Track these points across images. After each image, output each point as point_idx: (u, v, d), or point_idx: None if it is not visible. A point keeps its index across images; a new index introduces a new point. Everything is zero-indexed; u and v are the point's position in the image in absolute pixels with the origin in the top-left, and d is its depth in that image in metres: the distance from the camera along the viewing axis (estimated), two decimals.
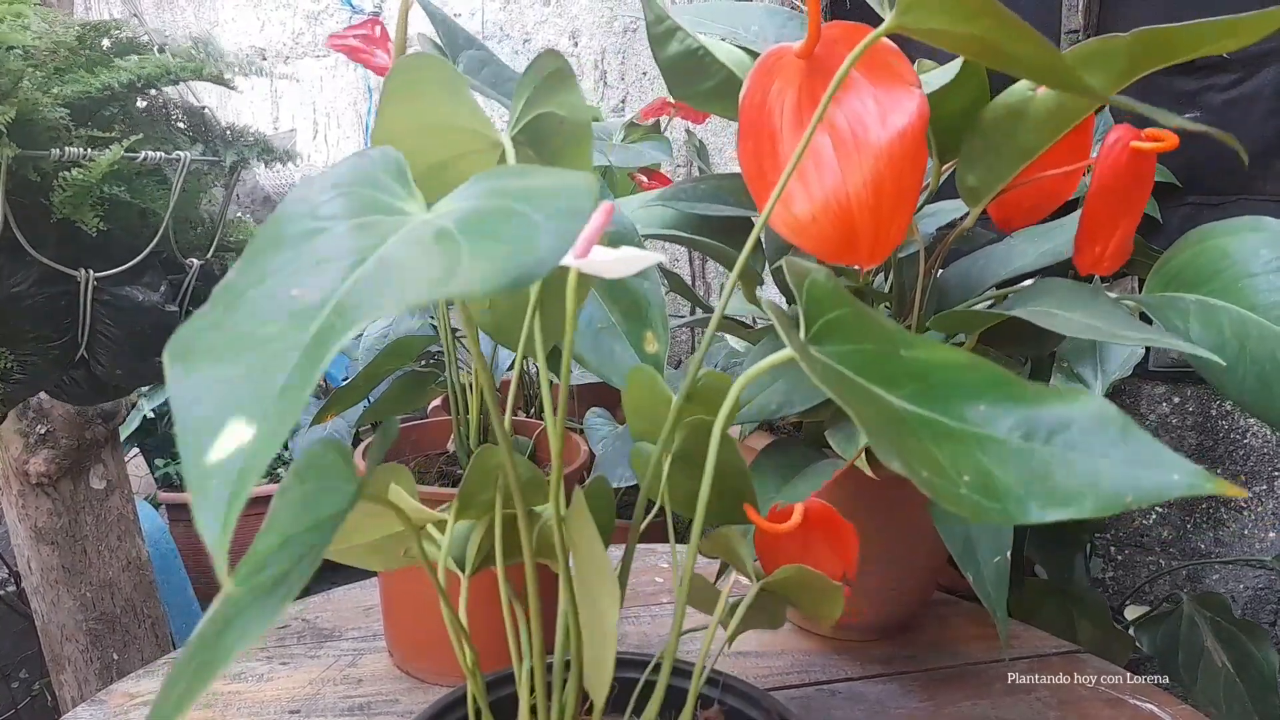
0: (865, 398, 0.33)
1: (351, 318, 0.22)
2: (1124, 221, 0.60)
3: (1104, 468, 0.29)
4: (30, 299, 0.79)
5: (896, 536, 0.73)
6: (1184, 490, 0.28)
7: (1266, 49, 1.43)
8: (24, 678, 1.47)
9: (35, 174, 0.75)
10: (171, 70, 0.86)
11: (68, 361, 0.85)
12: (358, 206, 0.28)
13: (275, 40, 2.97)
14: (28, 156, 0.74)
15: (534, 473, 0.45)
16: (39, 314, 0.80)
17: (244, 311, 0.23)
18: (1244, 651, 1.14)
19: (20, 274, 0.78)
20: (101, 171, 0.76)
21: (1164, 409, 1.58)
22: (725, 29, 0.66)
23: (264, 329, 0.22)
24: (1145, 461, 0.28)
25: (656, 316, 0.56)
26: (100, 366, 0.87)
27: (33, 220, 0.78)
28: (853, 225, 0.46)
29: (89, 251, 0.82)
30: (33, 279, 0.79)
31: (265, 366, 0.21)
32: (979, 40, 0.38)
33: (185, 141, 0.88)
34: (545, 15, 2.41)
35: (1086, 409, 0.30)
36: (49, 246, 0.79)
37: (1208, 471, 0.28)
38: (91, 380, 0.89)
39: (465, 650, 0.44)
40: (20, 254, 0.77)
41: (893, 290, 0.71)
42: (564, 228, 0.24)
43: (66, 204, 0.77)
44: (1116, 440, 0.29)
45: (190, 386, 0.21)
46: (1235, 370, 0.53)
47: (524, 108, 0.47)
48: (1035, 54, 0.38)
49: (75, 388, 0.91)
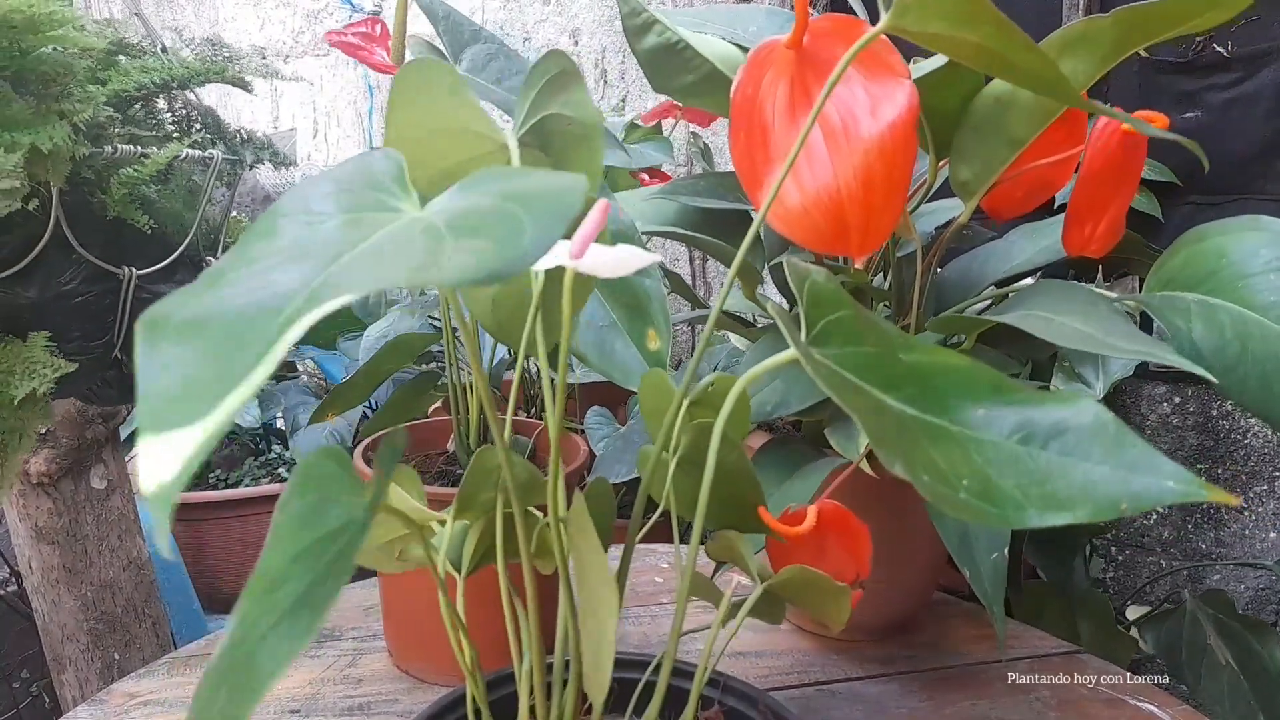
0: (866, 400, 0.33)
1: (324, 296, 0.22)
2: (1115, 203, 0.61)
3: (1100, 474, 0.29)
4: (79, 297, 0.80)
5: (897, 536, 0.73)
6: (1178, 497, 0.28)
7: (1267, 49, 1.42)
8: (25, 677, 1.47)
9: (88, 171, 0.76)
10: (199, 72, 0.87)
11: (106, 361, 0.86)
12: (352, 203, 0.28)
13: (275, 39, 2.97)
14: (86, 154, 0.75)
15: (532, 473, 0.45)
16: (86, 312, 0.82)
17: (222, 291, 0.23)
18: (1248, 649, 1.13)
19: (69, 272, 0.79)
20: (157, 169, 0.77)
21: (1165, 409, 1.58)
22: (725, 30, 0.66)
23: (236, 309, 0.22)
24: (1140, 468, 0.29)
25: (658, 314, 0.56)
26: (132, 365, 0.87)
27: (81, 219, 0.79)
28: (843, 217, 0.46)
29: (131, 251, 0.83)
30: (81, 277, 0.80)
31: (228, 346, 0.21)
32: (976, 47, 0.38)
33: (206, 142, 0.89)
34: (545, 14, 2.41)
35: (1083, 415, 0.31)
36: (96, 245, 0.80)
37: (1201, 479, 0.28)
38: (122, 380, 0.90)
39: (464, 650, 0.44)
40: (69, 252, 0.78)
41: (892, 289, 0.71)
42: (549, 225, 0.24)
43: (122, 202, 0.78)
44: (1112, 447, 0.30)
45: (154, 359, 0.21)
46: (1236, 371, 0.53)
47: (530, 109, 0.47)
48: (1032, 63, 0.38)
49: (107, 389, 0.91)
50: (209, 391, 0.20)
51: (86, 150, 0.73)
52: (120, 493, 1.31)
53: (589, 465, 0.85)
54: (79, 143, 0.72)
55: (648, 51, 0.62)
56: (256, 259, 0.25)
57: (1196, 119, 1.50)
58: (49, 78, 0.71)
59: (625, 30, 0.62)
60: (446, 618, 0.44)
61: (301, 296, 0.22)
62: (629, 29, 0.62)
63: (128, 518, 1.32)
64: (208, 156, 0.84)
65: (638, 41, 0.62)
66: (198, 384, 0.21)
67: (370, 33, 0.78)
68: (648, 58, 0.62)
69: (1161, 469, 0.29)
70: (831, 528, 0.49)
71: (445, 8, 0.73)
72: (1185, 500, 0.28)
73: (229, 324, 0.22)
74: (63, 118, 0.70)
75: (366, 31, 0.78)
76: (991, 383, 0.33)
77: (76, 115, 0.71)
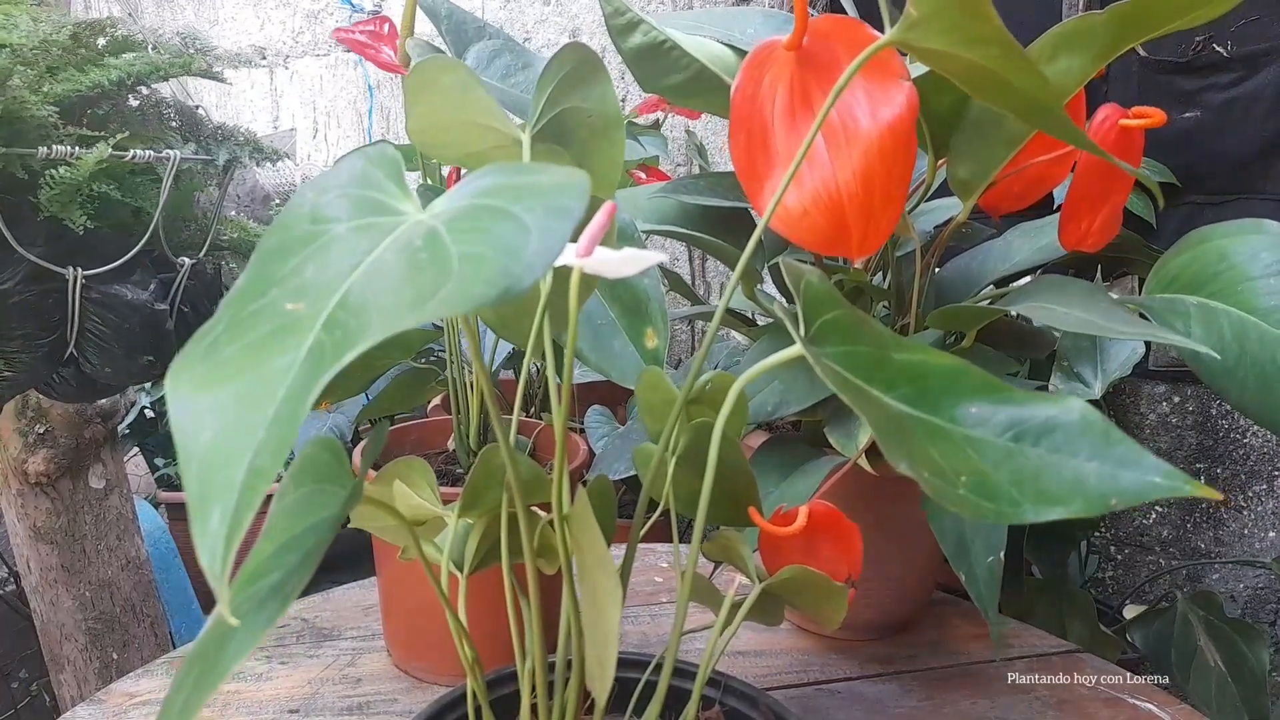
0: (866, 399, 0.34)
1: (344, 345, 0.22)
2: (1111, 198, 0.61)
3: (1089, 470, 0.30)
4: (18, 296, 0.79)
5: (896, 534, 0.73)
6: (1165, 492, 0.29)
7: (1266, 49, 1.42)
8: (23, 677, 1.47)
9: (23, 172, 0.76)
10: (161, 67, 0.86)
11: (57, 359, 0.86)
12: (355, 208, 0.28)
13: (275, 39, 2.97)
14: (14, 154, 0.75)
15: (537, 472, 0.45)
16: (27, 311, 0.81)
17: (242, 328, 0.23)
18: (1236, 651, 1.15)
19: (7, 271, 0.79)
20: (89, 170, 0.76)
21: (1164, 408, 1.58)
22: (722, 33, 0.66)
23: (259, 350, 0.22)
24: (1128, 464, 0.30)
25: (656, 312, 0.56)
26: (90, 364, 0.87)
27: (20, 218, 0.78)
28: (843, 217, 0.46)
29: (79, 250, 0.82)
30: (20, 276, 0.79)
31: (258, 394, 0.21)
32: (980, 68, 0.38)
33: (177, 140, 0.88)
34: (545, 14, 2.41)
35: (1070, 413, 0.32)
36: (37, 244, 0.79)
37: (1186, 474, 0.29)
38: (81, 378, 0.90)
39: (465, 647, 0.44)
40: (8, 251, 0.78)
41: (891, 288, 0.71)
42: (552, 231, 0.24)
43: (54, 202, 0.77)
44: (1099, 444, 0.30)
45: (190, 413, 0.21)
46: (1235, 373, 0.53)
47: (545, 104, 0.47)
48: (1034, 89, 0.38)
49: (65, 385, 0.91)
50: (240, 447, 0.21)
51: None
52: (118, 492, 1.31)
53: (588, 464, 0.85)
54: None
55: (633, 51, 0.62)
56: (271, 284, 0.25)
57: (1196, 119, 1.50)
58: None
59: (610, 30, 0.62)
60: (449, 617, 0.44)
61: (315, 330, 0.22)
62: (613, 28, 0.62)
63: (126, 517, 1.32)
64: (164, 156, 0.83)
65: (623, 40, 0.62)
66: (229, 441, 0.21)
67: (378, 31, 0.78)
68: (633, 57, 0.62)
69: (1147, 465, 0.29)
70: (822, 528, 0.49)
71: (448, 6, 0.73)
72: (1171, 494, 0.29)
73: (248, 372, 0.22)
74: None
75: (375, 30, 0.78)
76: (982, 382, 0.34)
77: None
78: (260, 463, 0.20)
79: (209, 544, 0.19)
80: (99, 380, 0.90)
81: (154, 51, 0.87)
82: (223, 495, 0.20)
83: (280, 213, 0.28)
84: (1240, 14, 1.43)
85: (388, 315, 0.22)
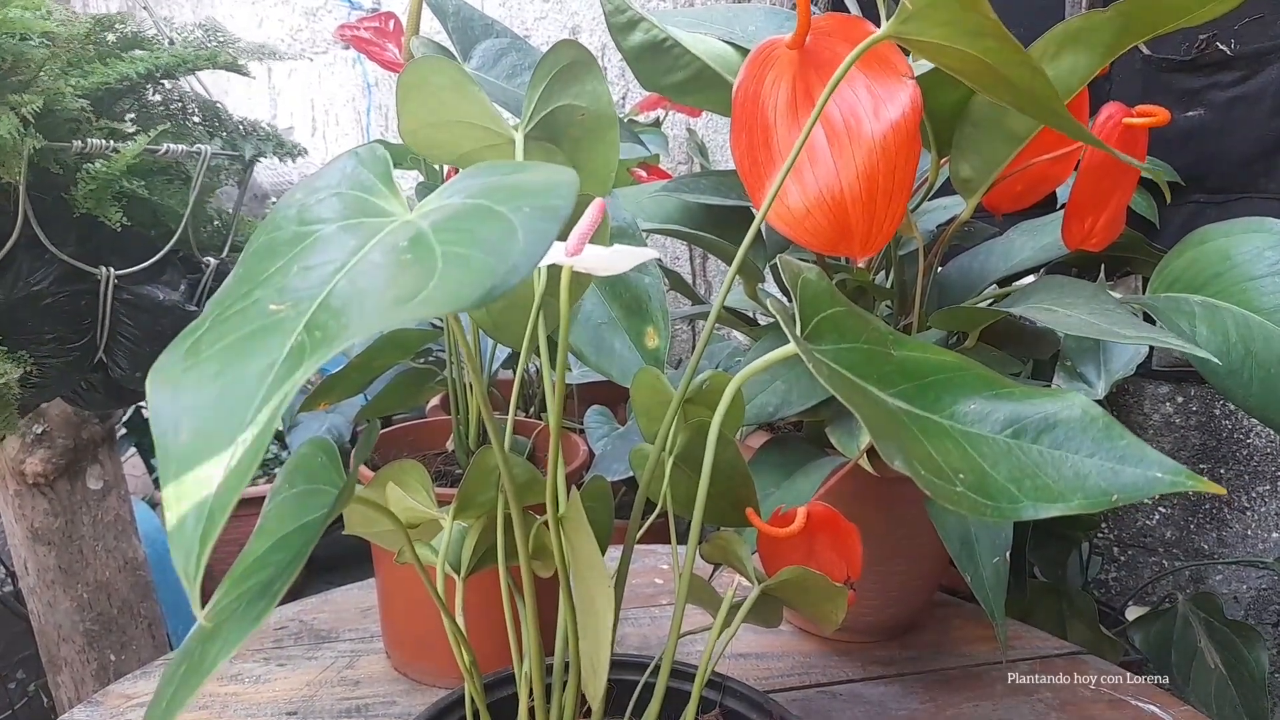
0: (862, 396, 0.33)
1: (323, 345, 0.22)
2: (1115, 197, 0.60)
3: (1090, 466, 0.30)
4: (50, 298, 0.77)
5: (898, 536, 0.73)
6: (1166, 487, 0.29)
7: (1270, 47, 1.42)
8: (20, 678, 1.47)
9: (57, 166, 0.73)
10: (187, 60, 0.84)
11: (86, 364, 0.83)
12: (343, 209, 0.28)
13: (273, 37, 2.96)
14: (50, 149, 0.72)
15: (532, 473, 0.45)
16: (59, 314, 0.78)
17: (225, 328, 0.23)
18: (1236, 653, 1.15)
19: (40, 271, 0.76)
20: (126, 163, 0.74)
21: (1167, 409, 1.57)
22: (723, 31, 0.65)
23: (240, 350, 0.22)
24: (1129, 460, 0.30)
25: (657, 312, 0.56)
26: (118, 369, 0.84)
27: (53, 216, 0.76)
28: (846, 217, 0.45)
29: (108, 249, 0.80)
30: (53, 277, 0.76)
31: (237, 394, 0.21)
32: (977, 61, 0.38)
33: (203, 135, 0.86)
34: (545, 11, 2.40)
35: (1071, 410, 0.32)
36: (69, 244, 0.77)
37: (1188, 470, 0.29)
38: (109, 385, 0.87)
39: (463, 651, 0.44)
40: (40, 251, 0.75)
41: (894, 287, 0.71)
42: (539, 230, 0.24)
43: (89, 198, 0.74)
44: (1100, 440, 0.30)
45: (169, 412, 0.21)
46: (1240, 374, 0.53)
47: (538, 102, 0.46)
48: (1030, 82, 0.38)
49: (93, 393, 0.88)
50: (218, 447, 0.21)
51: (38, 144, 0.69)
52: (116, 493, 1.30)
53: (588, 465, 0.85)
54: (29, 135, 0.68)
55: (634, 49, 0.62)
56: (256, 285, 0.24)
57: (1200, 117, 1.50)
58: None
59: (610, 28, 0.62)
60: (445, 620, 0.43)
61: (297, 331, 0.22)
62: (613, 26, 0.62)
63: (124, 518, 1.31)
64: (195, 150, 0.81)
65: (624, 38, 0.62)
66: (206, 440, 0.21)
67: (383, 28, 0.77)
68: (634, 55, 0.62)
69: (1149, 460, 0.29)
70: (821, 529, 0.48)
71: (455, 3, 0.72)
72: (1173, 490, 0.29)
73: (229, 372, 0.22)
74: (13, 110, 0.67)
75: (379, 26, 0.77)
76: (982, 378, 0.34)
77: (25, 106, 0.68)
78: (238, 464, 0.20)
79: (184, 544, 0.19)
80: (127, 386, 0.87)
81: (176, 45, 0.85)
82: (198, 496, 0.19)
83: (270, 212, 0.28)
84: (1244, 12, 1.42)
85: (369, 316, 0.22)
